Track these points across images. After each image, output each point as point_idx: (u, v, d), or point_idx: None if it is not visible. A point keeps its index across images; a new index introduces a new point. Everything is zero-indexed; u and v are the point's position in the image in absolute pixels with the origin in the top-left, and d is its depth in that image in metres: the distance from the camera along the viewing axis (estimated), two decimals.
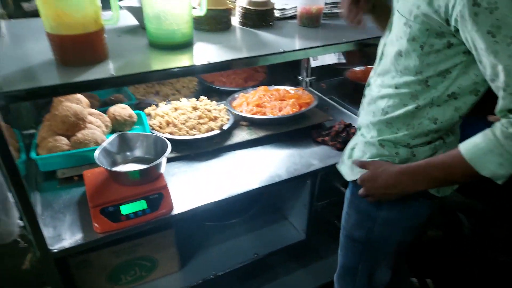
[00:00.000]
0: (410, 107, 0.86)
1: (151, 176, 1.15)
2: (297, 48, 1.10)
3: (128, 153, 1.25)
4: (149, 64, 0.96)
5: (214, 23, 1.17)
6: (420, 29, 0.78)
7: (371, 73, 0.99)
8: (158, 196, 1.13)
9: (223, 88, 1.78)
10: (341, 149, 1.42)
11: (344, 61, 1.90)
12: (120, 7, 1.00)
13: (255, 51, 1.05)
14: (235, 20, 1.28)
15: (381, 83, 0.92)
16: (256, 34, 1.19)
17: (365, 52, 2.03)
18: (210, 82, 1.81)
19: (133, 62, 0.95)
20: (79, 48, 0.90)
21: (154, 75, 0.92)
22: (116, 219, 1.08)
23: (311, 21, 1.27)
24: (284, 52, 1.05)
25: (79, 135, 1.29)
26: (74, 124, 1.29)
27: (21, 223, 1.07)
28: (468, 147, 0.73)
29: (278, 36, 1.18)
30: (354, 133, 1.45)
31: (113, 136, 1.22)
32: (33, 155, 1.24)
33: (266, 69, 1.95)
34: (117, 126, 1.45)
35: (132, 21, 1.23)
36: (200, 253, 1.45)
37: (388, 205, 0.97)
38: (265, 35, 1.18)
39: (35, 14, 1.25)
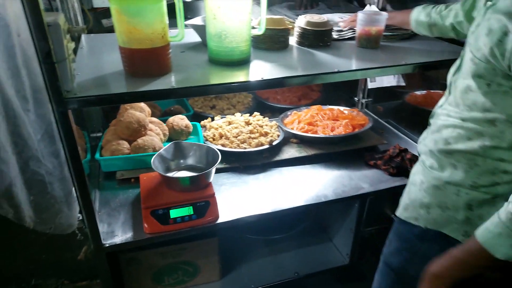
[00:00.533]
0: (475, 144, 0.83)
1: (201, 184, 1.20)
2: (353, 68, 1.09)
3: (181, 161, 1.32)
4: (207, 79, 1.01)
5: (271, 42, 1.21)
6: (487, 68, 0.76)
7: (439, 103, 0.97)
8: (205, 204, 1.18)
9: (276, 105, 1.81)
10: (394, 174, 1.37)
11: (403, 84, 1.85)
12: (186, 25, 1.07)
13: (309, 70, 1.07)
14: (293, 40, 1.31)
15: (448, 113, 0.90)
16: (313, 54, 1.21)
17: (427, 76, 1.95)
18: (265, 99, 1.85)
19: (193, 76, 1.01)
20: (146, 61, 0.98)
21: (211, 89, 0.98)
22: (165, 222, 1.14)
23: (369, 42, 1.26)
24: (339, 72, 1.06)
25: (140, 140, 1.39)
26: (136, 130, 1.40)
27: (80, 216, 1.17)
28: (481, 231, 0.74)
29: (334, 56, 1.19)
30: (409, 159, 1.40)
31: (170, 144, 1.30)
32: (97, 156, 1.36)
33: (321, 88, 1.95)
34: (174, 135, 1.54)
35: (195, 38, 1.31)
36: (241, 265, 1.46)
37: (434, 237, 0.92)
38: (321, 55, 1.20)
39: (112, 30, 1.39)
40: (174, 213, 1.15)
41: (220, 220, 1.19)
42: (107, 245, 1.09)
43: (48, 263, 1.80)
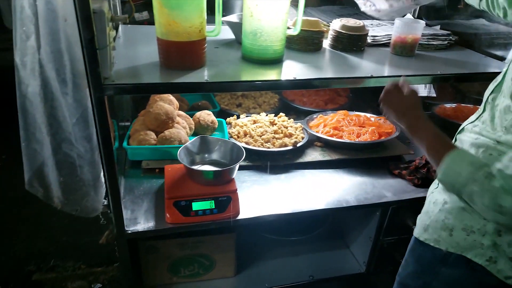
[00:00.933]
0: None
1: (224, 179, 1.21)
2: (386, 74, 1.08)
3: (206, 155, 1.33)
4: (239, 75, 1.02)
5: (304, 43, 1.21)
6: None
7: (470, 119, 0.93)
8: (227, 199, 1.19)
9: (302, 108, 1.81)
10: (418, 185, 1.35)
11: (434, 95, 1.81)
12: (222, 22, 1.08)
13: (342, 73, 1.07)
14: (326, 43, 1.30)
15: (480, 131, 0.85)
16: (345, 58, 1.20)
17: (458, 89, 1.91)
18: (291, 100, 1.85)
19: (226, 72, 1.03)
20: (182, 54, 1.00)
21: (242, 86, 0.99)
22: (186, 213, 1.15)
23: (404, 50, 1.25)
24: (372, 77, 1.05)
25: (167, 132, 1.41)
26: (164, 122, 1.42)
27: (105, 201, 1.20)
28: (454, 155, 0.78)
29: (367, 61, 1.18)
30: (435, 171, 1.37)
31: (196, 138, 1.32)
32: (124, 144, 1.39)
33: (348, 94, 1.94)
34: (200, 129, 1.55)
35: (229, 35, 1.33)
36: (256, 263, 1.47)
37: (455, 261, 0.88)
38: (354, 59, 1.19)
39: (141, 23, 1.42)
40: (196, 206, 1.16)
41: (240, 217, 1.19)
42: (130, 231, 1.12)
43: (68, 246, 1.86)
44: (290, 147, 1.46)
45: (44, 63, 0.91)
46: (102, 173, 1.14)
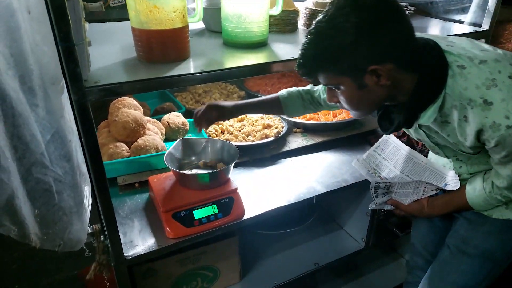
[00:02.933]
0: None
1: (221, 180, 1.11)
2: None
3: (193, 158, 1.22)
4: (235, 61, 0.94)
5: (283, 24, 1.16)
6: None
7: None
8: (229, 200, 1.09)
9: None
10: None
11: None
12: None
13: None
14: (300, 23, 1.27)
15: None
16: None
17: None
18: (256, 91, 1.79)
19: (218, 60, 0.94)
20: (165, 44, 0.89)
21: (243, 71, 0.90)
22: (189, 224, 1.03)
23: None
24: None
25: (140, 141, 1.26)
26: (135, 131, 1.27)
27: (89, 229, 1.03)
28: (470, 196, 0.94)
29: None
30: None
31: (177, 141, 1.19)
32: None
33: None
34: (171, 133, 1.42)
35: (195, 25, 1.23)
36: (260, 262, 1.38)
37: None
38: None
39: (94, 17, 1.25)
40: (198, 214, 1.05)
41: (244, 217, 1.11)
42: (130, 257, 0.97)
43: None
44: (273, 138, 1.40)
45: (2, 71, 0.73)
46: (85, 197, 0.97)
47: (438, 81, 0.78)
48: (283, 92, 1.20)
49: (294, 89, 1.21)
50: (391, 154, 1.15)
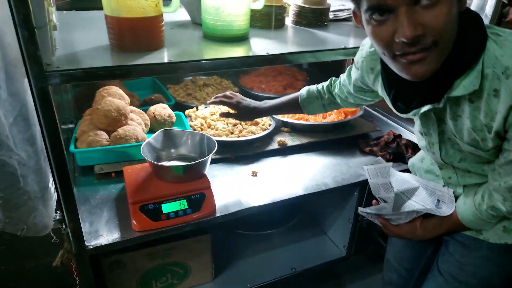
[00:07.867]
0: None
1: (195, 174, 1.09)
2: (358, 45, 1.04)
3: (172, 150, 1.20)
4: (206, 53, 0.91)
5: (267, 19, 1.13)
6: None
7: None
8: (200, 197, 1.07)
9: (262, 95, 1.73)
10: (391, 160, 1.33)
11: None
12: None
13: (313, 47, 1.00)
14: (288, 20, 1.23)
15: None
16: (312, 33, 1.15)
17: None
18: (250, 88, 1.76)
19: (190, 51, 0.91)
20: (136, 33, 0.87)
21: (213, 64, 0.87)
22: (156, 218, 1.01)
23: None
24: (346, 48, 1.00)
25: (120, 130, 1.25)
26: (116, 120, 1.25)
27: (56, 216, 1.02)
28: (463, 216, 0.87)
29: (336, 35, 1.13)
30: (405, 144, 1.37)
31: (159, 132, 1.18)
32: (71, 148, 1.20)
33: (306, 77, 1.90)
34: (156, 125, 1.41)
35: (184, 17, 1.21)
36: (234, 263, 1.36)
37: None
38: (322, 34, 1.14)
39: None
40: (166, 208, 1.03)
41: (216, 215, 1.08)
42: (92, 246, 0.95)
43: (10, 275, 1.60)
44: (259, 135, 1.37)
45: None
46: (51, 182, 0.96)
47: (479, 40, 0.68)
48: (303, 91, 1.19)
49: (313, 87, 1.18)
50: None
